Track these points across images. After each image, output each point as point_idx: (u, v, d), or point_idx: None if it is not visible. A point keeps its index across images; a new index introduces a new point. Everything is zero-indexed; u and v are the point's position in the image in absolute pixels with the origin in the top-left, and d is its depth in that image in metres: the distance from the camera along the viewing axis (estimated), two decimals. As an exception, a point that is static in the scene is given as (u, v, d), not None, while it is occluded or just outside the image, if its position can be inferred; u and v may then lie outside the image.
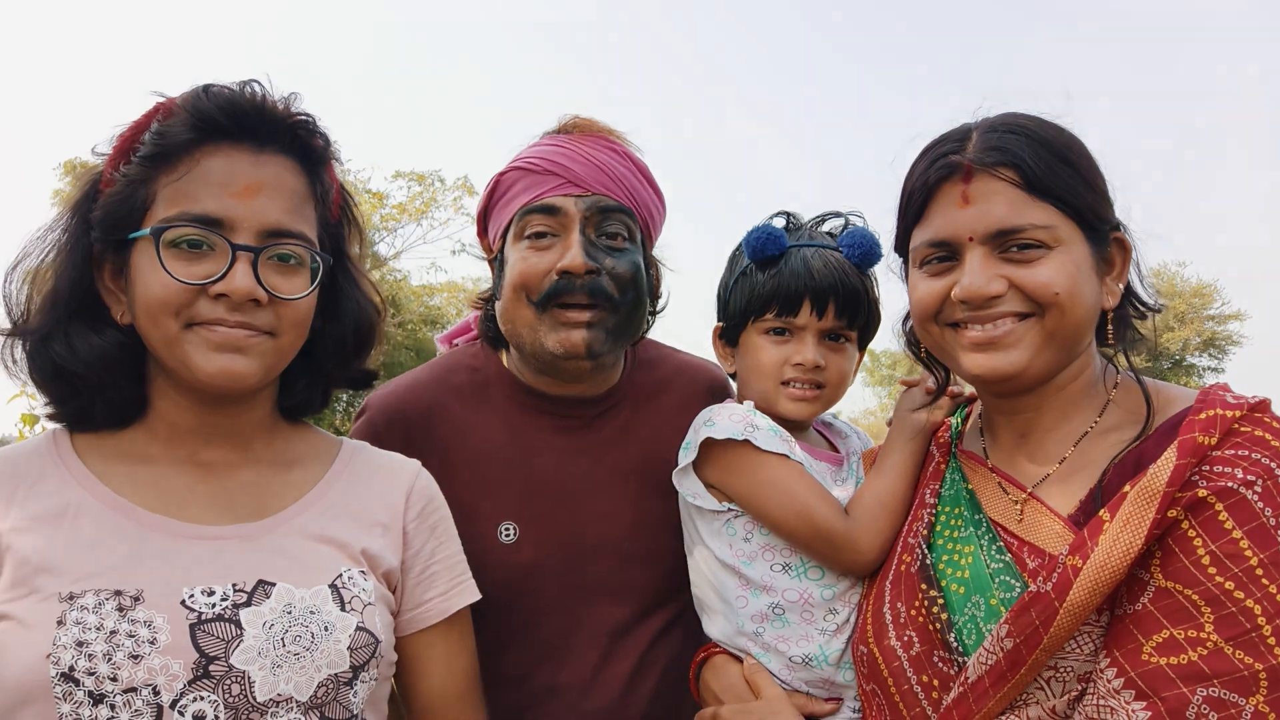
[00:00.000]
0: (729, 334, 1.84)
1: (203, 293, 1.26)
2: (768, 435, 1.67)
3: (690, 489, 1.75)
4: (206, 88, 1.30)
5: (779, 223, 1.83)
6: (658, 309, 1.95)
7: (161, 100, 1.32)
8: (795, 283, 1.70)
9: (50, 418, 1.37)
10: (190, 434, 1.36)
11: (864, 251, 1.74)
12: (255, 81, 1.33)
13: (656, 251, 1.94)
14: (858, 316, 1.73)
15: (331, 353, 1.48)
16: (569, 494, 1.82)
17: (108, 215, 1.28)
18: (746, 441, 1.66)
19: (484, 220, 1.90)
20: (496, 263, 1.84)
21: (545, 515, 1.80)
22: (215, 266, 1.25)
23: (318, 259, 1.35)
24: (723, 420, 1.70)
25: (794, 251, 1.74)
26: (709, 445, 1.71)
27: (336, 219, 1.46)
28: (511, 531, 1.79)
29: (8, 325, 1.34)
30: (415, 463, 1.57)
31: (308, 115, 1.36)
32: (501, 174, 1.81)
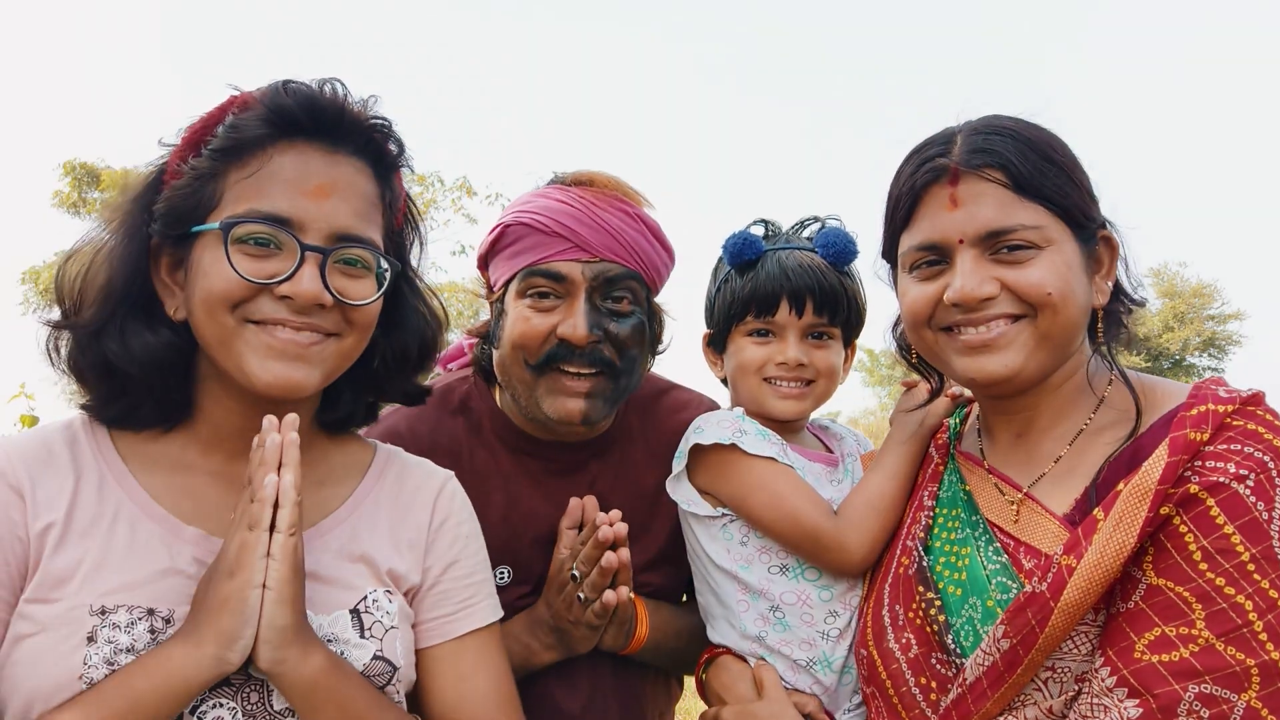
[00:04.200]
0: (716, 341, 1.86)
1: (265, 291, 1.22)
2: (755, 440, 1.68)
3: (684, 496, 1.76)
4: (286, 83, 1.27)
5: (758, 230, 1.85)
6: (659, 351, 1.93)
7: (236, 93, 1.28)
8: (771, 284, 1.73)
9: (92, 415, 1.32)
10: (232, 438, 1.33)
11: (838, 250, 1.76)
12: (336, 80, 1.29)
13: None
14: (837, 313, 1.75)
15: (392, 365, 1.44)
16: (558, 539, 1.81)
17: (172, 208, 1.24)
18: (734, 446, 1.67)
19: (485, 260, 1.86)
20: (496, 306, 1.82)
21: (537, 560, 1.79)
22: (282, 265, 1.22)
23: (385, 264, 1.31)
24: (711, 426, 1.72)
25: (770, 255, 1.77)
26: (699, 451, 1.72)
27: (400, 227, 1.42)
28: (505, 575, 1.79)
29: (57, 317, 1.30)
30: (445, 473, 1.53)
31: (385, 119, 1.33)
32: (507, 225, 1.77)
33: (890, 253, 1.51)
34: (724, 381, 1.90)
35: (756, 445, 1.68)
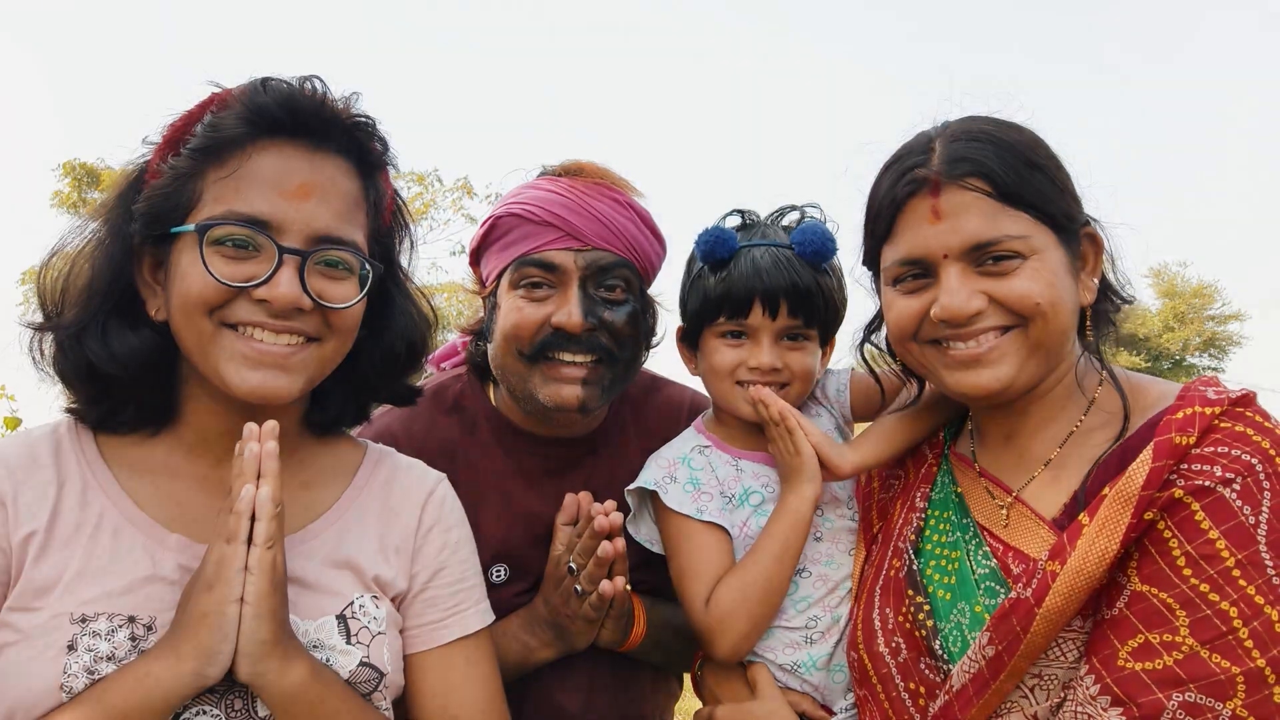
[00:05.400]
0: (689, 338, 1.80)
1: (243, 294, 1.20)
2: (678, 493, 1.67)
3: (648, 536, 1.76)
4: (264, 80, 1.23)
5: (733, 221, 1.78)
6: (653, 344, 1.93)
7: (216, 91, 1.25)
8: (744, 285, 1.64)
9: (77, 418, 1.31)
10: (217, 442, 1.31)
11: (815, 249, 1.66)
12: (315, 78, 1.26)
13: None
14: (813, 314, 1.67)
15: (379, 366, 1.42)
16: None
17: (152, 208, 1.22)
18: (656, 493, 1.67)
19: (477, 255, 1.85)
20: (489, 300, 1.81)
21: (533, 557, 1.79)
22: (260, 268, 1.19)
23: (367, 266, 1.28)
24: (653, 465, 1.73)
25: (744, 252, 1.68)
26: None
27: (388, 226, 1.39)
28: (502, 572, 1.79)
29: (39, 319, 1.28)
30: (435, 477, 1.51)
31: (367, 117, 1.30)
32: (498, 217, 1.76)
33: (871, 261, 1.48)
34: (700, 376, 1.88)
35: (677, 499, 1.66)
